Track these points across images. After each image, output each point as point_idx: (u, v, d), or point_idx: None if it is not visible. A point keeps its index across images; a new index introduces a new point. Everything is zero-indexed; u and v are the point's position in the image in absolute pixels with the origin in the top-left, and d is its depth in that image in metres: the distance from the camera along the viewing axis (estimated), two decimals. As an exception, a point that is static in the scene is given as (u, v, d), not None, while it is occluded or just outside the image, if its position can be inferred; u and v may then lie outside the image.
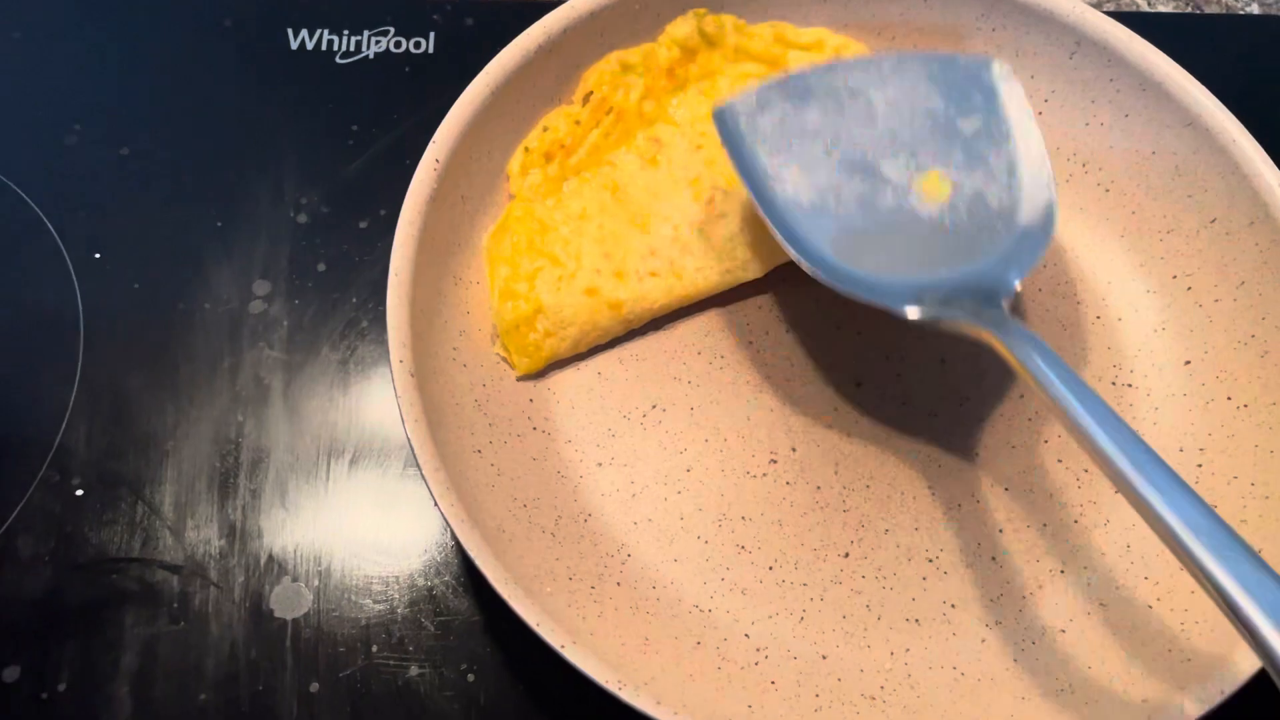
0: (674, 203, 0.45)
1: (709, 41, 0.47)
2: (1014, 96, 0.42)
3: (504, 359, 0.43)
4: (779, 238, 0.39)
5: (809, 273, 0.39)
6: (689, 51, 0.47)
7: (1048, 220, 0.39)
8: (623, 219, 0.44)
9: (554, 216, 0.44)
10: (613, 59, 0.46)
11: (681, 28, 0.46)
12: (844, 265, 0.39)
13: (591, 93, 0.46)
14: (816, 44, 0.48)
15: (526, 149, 0.45)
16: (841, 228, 0.40)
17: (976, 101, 0.42)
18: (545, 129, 0.45)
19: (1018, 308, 0.39)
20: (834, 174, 0.41)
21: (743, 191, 0.44)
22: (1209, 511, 0.30)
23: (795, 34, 0.48)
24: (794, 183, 0.40)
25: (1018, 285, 0.38)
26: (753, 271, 0.44)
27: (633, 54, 0.46)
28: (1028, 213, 0.40)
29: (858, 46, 0.48)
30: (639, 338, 0.45)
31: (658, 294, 0.43)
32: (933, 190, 0.40)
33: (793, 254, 0.39)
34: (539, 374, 0.43)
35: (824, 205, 0.40)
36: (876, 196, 0.40)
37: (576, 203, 0.44)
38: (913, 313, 0.37)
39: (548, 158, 0.45)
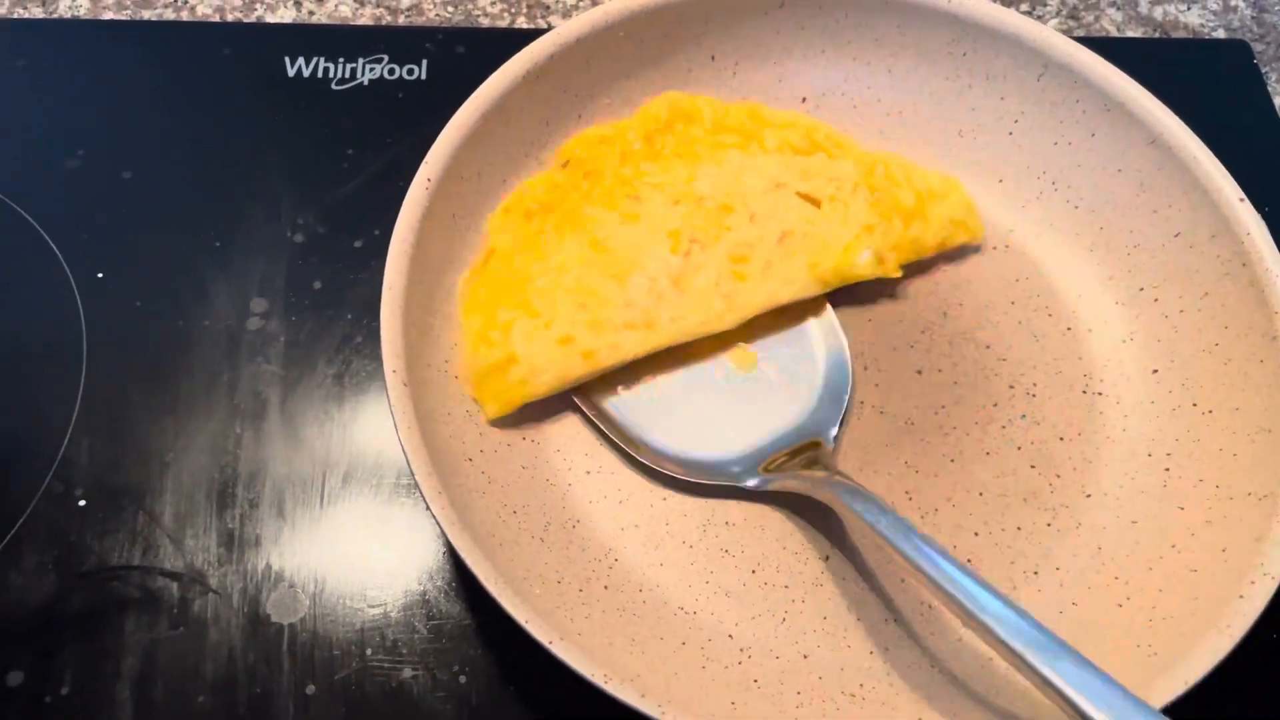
0: (651, 254, 0.45)
1: (685, 118, 0.48)
2: None
3: (474, 400, 0.43)
4: (630, 450, 0.43)
5: (664, 470, 0.43)
6: (665, 124, 0.48)
7: (844, 375, 0.45)
8: (601, 272, 0.45)
9: (532, 269, 0.45)
10: (590, 134, 0.48)
11: (658, 108, 0.48)
12: (685, 452, 0.43)
13: (569, 161, 0.47)
14: (789, 124, 0.49)
15: (506, 209, 0.45)
16: (671, 418, 0.44)
17: None
18: (523, 191, 0.46)
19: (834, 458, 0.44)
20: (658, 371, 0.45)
21: (720, 245, 0.45)
22: (1035, 623, 0.34)
23: (770, 114, 0.50)
24: (630, 393, 0.44)
25: (833, 433, 0.43)
26: (728, 322, 0.45)
27: (608, 128, 0.48)
28: (827, 370, 0.45)
29: (826, 129, 0.50)
30: (625, 351, 0.46)
31: (632, 344, 0.44)
32: (742, 362, 0.45)
33: (643, 459, 0.43)
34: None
35: (653, 400, 0.45)
36: (694, 379, 0.45)
37: (556, 256, 0.45)
38: (751, 483, 0.42)
39: (527, 216, 0.46)
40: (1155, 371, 0.45)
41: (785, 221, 0.46)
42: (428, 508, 0.36)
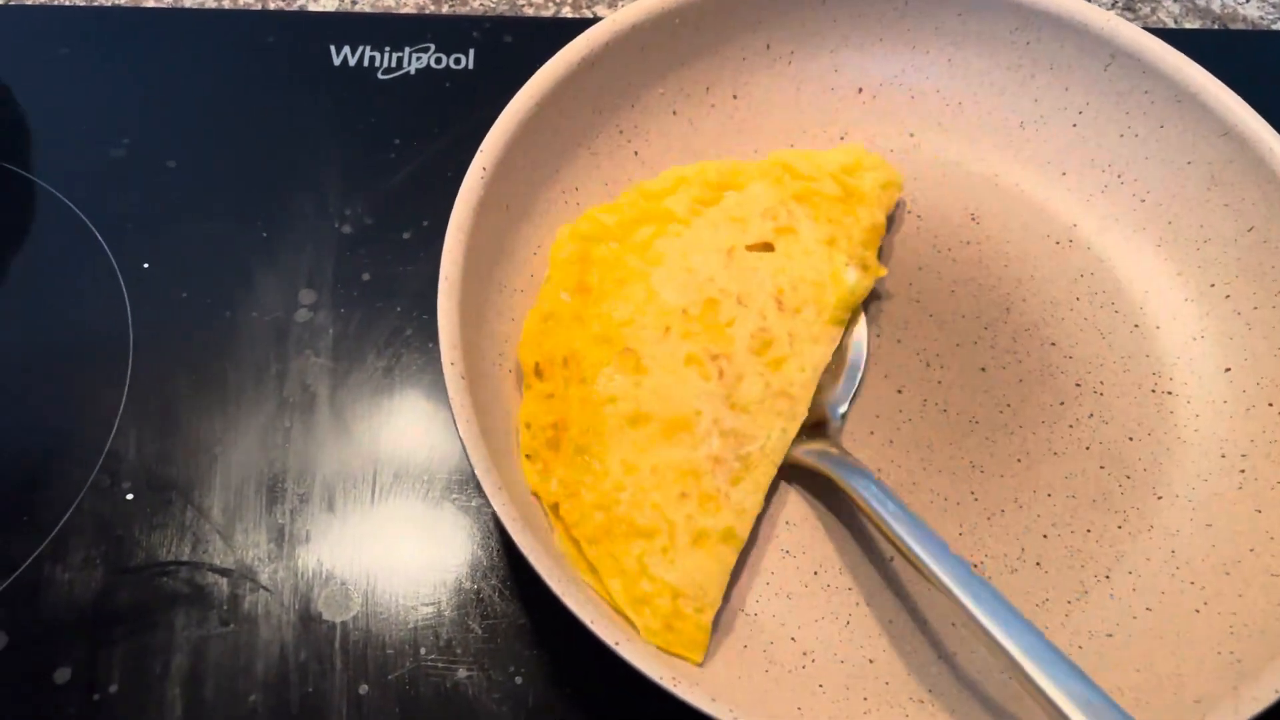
0: (688, 393, 0.41)
1: (592, 239, 0.44)
2: None
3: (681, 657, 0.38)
4: None
5: None
6: (582, 258, 0.44)
7: (859, 356, 0.45)
8: (660, 441, 0.40)
9: (606, 492, 0.39)
10: (529, 328, 0.42)
11: (564, 249, 0.44)
12: None
13: (538, 366, 0.42)
14: (676, 181, 0.46)
15: (528, 457, 0.40)
16: None
17: None
18: (528, 426, 0.41)
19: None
20: None
21: (739, 346, 0.42)
22: (1023, 621, 0.35)
23: (653, 184, 0.46)
24: None
25: (841, 410, 0.43)
26: (801, 414, 0.42)
27: (543, 304, 0.43)
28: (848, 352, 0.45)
29: (713, 165, 0.47)
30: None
31: (749, 496, 0.40)
32: None
33: None
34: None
35: None
36: None
37: (613, 461, 0.40)
38: None
39: (552, 445, 0.40)
40: (1228, 370, 0.44)
41: (766, 285, 0.43)
42: (487, 503, 0.35)
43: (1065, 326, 0.46)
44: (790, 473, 0.42)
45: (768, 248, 0.45)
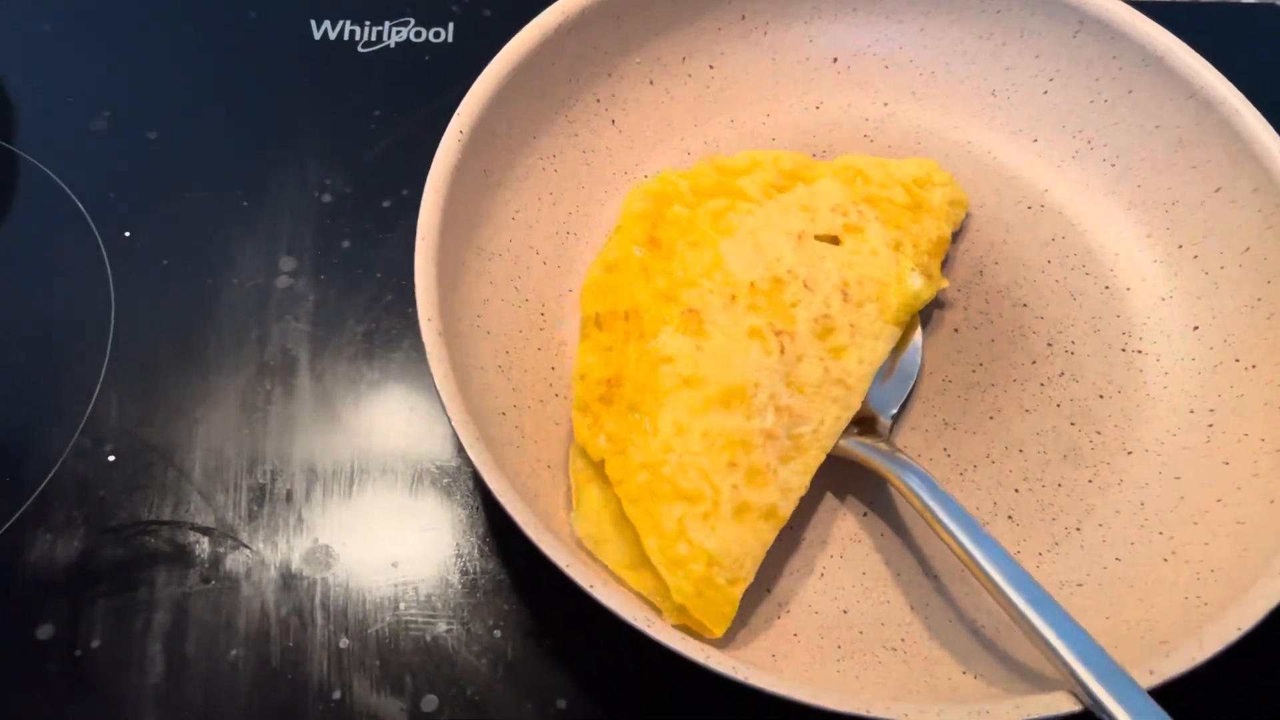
0: (748, 363, 0.40)
1: (664, 199, 0.44)
2: None
3: (690, 630, 0.37)
4: None
5: None
6: (655, 215, 0.44)
7: (915, 361, 0.44)
8: (715, 407, 0.39)
9: (653, 451, 0.39)
10: (593, 277, 0.43)
11: (637, 203, 0.44)
12: None
13: (598, 317, 0.42)
14: (751, 163, 0.46)
15: (581, 408, 0.40)
16: None
17: None
18: (583, 378, 0.40)
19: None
20: None
21: (802, 327, 0.42)
22: (1054, 603, 0.35)
23: (728, 161, 0.46)
24: None
25: (893, 411, 0.43)
26: (854, 404, 0.41)
27: (608, 253, 0.43)
28: (900, 354, 0.44)
29: (788, 155, 0.47)
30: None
31: (796, 477, 0.40)
32: None
33: None
34: (561, 342, 0.44)
35: None
36: None
37: (665, 420, 0.39)
38: None
39: (605, 401, 0.40)
40: (1196, 328, 0.45)
41: (832, 275, 0.43)
42: (467, 461, 0.36)
43: (1037, 289, 0.47)
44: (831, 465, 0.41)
45: (835, 241, 0.44)
